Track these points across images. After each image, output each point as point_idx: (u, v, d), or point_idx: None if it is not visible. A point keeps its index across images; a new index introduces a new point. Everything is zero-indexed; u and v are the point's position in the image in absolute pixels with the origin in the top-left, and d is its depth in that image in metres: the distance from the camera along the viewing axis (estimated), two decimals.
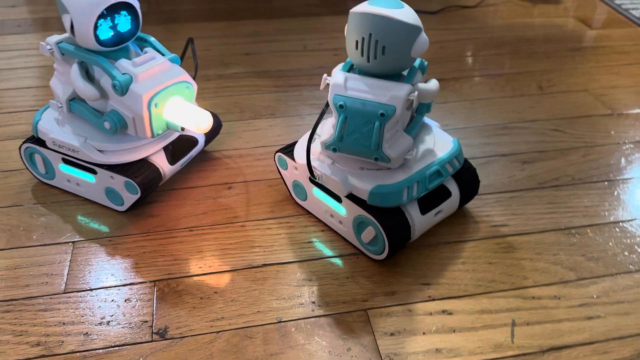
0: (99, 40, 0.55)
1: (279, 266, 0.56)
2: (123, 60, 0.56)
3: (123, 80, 0.55)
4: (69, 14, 0.54)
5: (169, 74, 0.58)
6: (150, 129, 0.57)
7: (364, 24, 0.50)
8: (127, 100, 0.56)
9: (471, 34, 1.05)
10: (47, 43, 0.58)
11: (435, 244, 0.59)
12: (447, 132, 0.61)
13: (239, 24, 1.06)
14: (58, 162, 0.62)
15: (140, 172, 0.59)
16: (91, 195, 0.63)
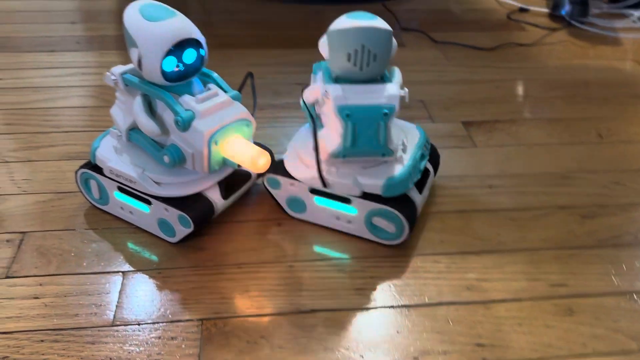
0: (165, 75, 0.55)
1: (328, 313, 0.55)
2: (186, 96, 0.57)
3: (186, 116, 0.55)
4: (138, 48, 0.54)
5: (230, 112, 0.58)
6: (208, 165, 0.58)
7: (356, 37, 0.57)
8: (188, 136, 0.56)
9: (527, 74, 1.02)
10: (112, 73, 0.59)
11: (490, 302, 0.57)
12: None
13: (293, 52, 1.06)
14: (113, 190, 0.63)
15: (194, 207, 0.60)
16: (144, 224, 0.63)
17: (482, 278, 0.60)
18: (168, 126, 0.57)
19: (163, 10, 0.56)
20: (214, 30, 1.17)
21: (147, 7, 0.56)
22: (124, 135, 0.61)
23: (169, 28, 0.54)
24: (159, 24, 0.54)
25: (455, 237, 0.64)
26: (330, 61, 0.60)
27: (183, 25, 0.55)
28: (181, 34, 0.54)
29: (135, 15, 0.55)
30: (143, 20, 0.54)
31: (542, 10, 1.29)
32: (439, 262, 0.61)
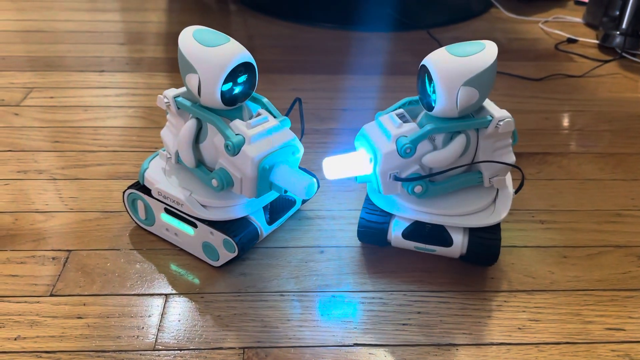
0: (224, 100, 0.55)
1: (371, 348, 0.53)
2: (237, 120, 0.57)
3: (236, 141, 0.55)
4: (197, 73, 0.54)
5: (279, 137, 0.58)
6: (255, 190, 0.57)
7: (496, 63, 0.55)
8: (237, 160, 0.56)
9: (577, 106, 0.99)
10: (165, 96, 0.60)
11: (543, 344, 0.54)
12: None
13: (337, 78, 1.06)
14: (160, 211, 0.63)
15: (239, 231, 0.59)
16: (188, 246, 0.63)
17: (535, 318, 0.57)
18: (218, 150, 0.57)
19: (217, 35, 0.56)
20: (257, 55, 1.17)
21: (201, 33, 0.56)
22: (173, 157, 0.61)
23: (226, 53, 0.54)
24: (217, 50, 0.54)
25: (505, 274, 0.62)
26: (476, 103, 0.56)
27: (238, 49, 0.55)
28: (238, 58, 0.54)
29: (191, 41, 0.55)
30: (200, 45, 0.55)
31: (591, 42, 1.27)
32: (488, 299, 0.59)
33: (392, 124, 0.58)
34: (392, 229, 0.62)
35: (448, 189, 0.59)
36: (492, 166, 0.58)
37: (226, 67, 0.54)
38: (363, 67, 1.13)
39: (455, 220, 0.59)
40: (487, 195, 0.61)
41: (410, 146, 0.55)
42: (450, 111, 0.55)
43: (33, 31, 1.22)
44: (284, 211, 0.66)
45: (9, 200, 0.70)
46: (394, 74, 1.10)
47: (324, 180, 0.77)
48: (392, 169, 0.57)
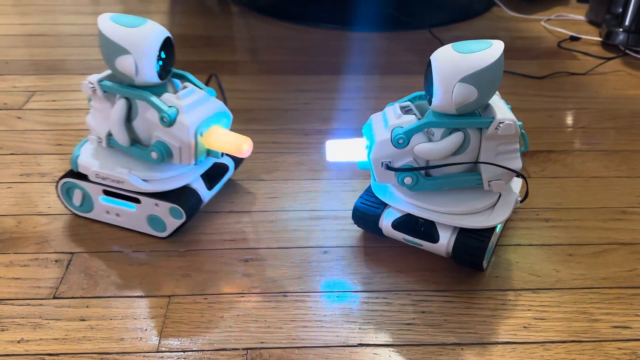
0: (160, 75, 0.59)
1: (376, 348, 0.53)
2: (167, 94, 0.60)
3: (171, 112, 0.59)
4: (130, 54, 0.57)
5: (209, 105, 0.63)
6: (194, 157, 0.61)
7: (503, 63, 0.54)
8: (174, 130, 0.60)
9: (581, 104, 0.99)
10: (90, 82, 0.61)
11: (549, 342, 0.54)
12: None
13: (340, 78, 1.06)
14: (98, 195, 0.65)
15: (184, 198, 0.64)
16: (131, 224, 0.66)
17: (540, 317, 0.56)
18: (152, 125, 0.60)
19: (135, 17, 0.59)
20: (260, 57, 1.18)
21: (119, 18, 0.59)
22: (104, 141, 0.63)
23: (153, 30, 0.58)
24: (142, 29, 0.58)
25: (510, 272, 0.62)
26: (476, 101, 0.55)
27: (160, 27, 0.59)
28: (163, 34, 0.59)
29: (114, 26, 0.58)
30: (126, 28, 0.58)
31: (594, 39, 1.26)
32: (493, 298, 0.58)
33: (393, 114, 0.59)
34: (383, 218, 0.62)
35: (442, 186, 0.59)
36: (492, 169, 0.57)
37: (158, 43, 0.58)
38: (365, 67, 1.12)
39: (445, 218, 0.59)
40: (487, 198, 0.60)
41: (404, 137, 0.56)
42: (446, 107, 0.55)
43: (35, 35, 1.23)
44: (220, 177, 0.70)
45: (12, 204, 0.70)
46: (396, 73, 1.09)
47: (327, 180, 0.77)
48: (384, 157, 0.58)
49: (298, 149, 0.83)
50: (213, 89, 0.65)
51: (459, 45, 0.54)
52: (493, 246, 0.63)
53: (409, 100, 0.61)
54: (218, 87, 0.70)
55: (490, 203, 0.60)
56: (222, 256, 0.63)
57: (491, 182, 0.58)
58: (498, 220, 0.59)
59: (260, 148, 0.83)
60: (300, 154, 0.82)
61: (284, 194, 0.74)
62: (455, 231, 0.59)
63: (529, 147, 0.84)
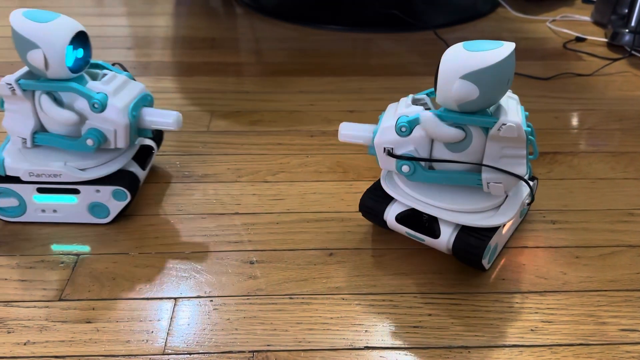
0: (71, 68, 0.61)
1: (382, 351, 0.53)
2: (92, 83, 0.63)
3: (101, 98, 0.61)
4: (40, 48, 0.59)
5: (133, 88, 0.66)
6: (128, 139, 0.64)
7: (511, 65, 0.54)
8: (107, 115, 0.62)
9: (587, 105, 0.99)
10: (7, 82, 0.62)
11: (557, 346, 0.53)
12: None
13: (344, 80, 1.06)
14: (32, 194, 0.66)
15: (124, 179, 0.66)
16: (70, 217, 0.67)
17: (547, 320, 0.56)
18: (83, 113, 0.62)
19: (47, 13, 0.61)
20: (265, 58, 1.18)
21: (31, 13, 0.60)
22: (29, 140, 0.64)
23: (63, 24, 0.60)
24: (53, 24, 0.59)
25: (517, 275, 0.61)
26: (477, 100, 0.54)
27: (72, 21, 0.61)
28: (75, 28, 0.60)
29: (25, 21, 0.60)
30: (36, 23, 0.59)
31: (599, 40, 1.26)
32: (500, 301, 0.58)
33: (404, 103, 0.60)
34: (388, 211, 0.62)
35: (440, 180, 0.59)
36: (493, 171, 0.57)
37: (66, 37, 0.59)
38: (370, 68, 1.12)
39: (447, 214, 0.59)
40: (492, 198, 0.60)
41: (406, 125, 0.57)
42: (447, 102, 0.55)
43: None
44: (149, 158, 0.74)
45: None
46: (401, 75, 1.09)
47: (332, 182, 0.77)
48: (386, 143, 0.59)
49: (303, 150, 0.83)
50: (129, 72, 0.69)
51: (470, 43, 0.54)
52: (499, 247, 0.63)
53: (427, 94, 0.62)
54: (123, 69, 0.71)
55: (495, 203, 0.60)
56: (227, 258, 0.63)
57: (490, 184, 0.57)
58: (500, 221, 0.58)
59: (265, 149, 0.83)
60: (305, 155, 0.82)
61: (289, 196, 0.73)
62: (457, 228, 0.59)
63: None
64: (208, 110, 0.94)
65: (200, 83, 1.03)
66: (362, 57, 1.21)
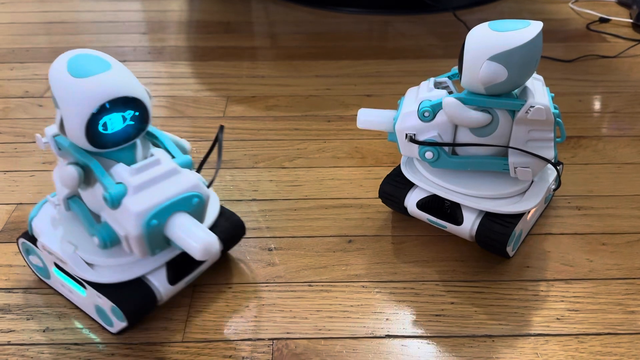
0: (93, 141, 0.46)
1: (404, 339, 0.52)
2: (120, 165, 0.48)
3: (114, 192, 0.46)
4: (60, 109, 0.46)
5: (174, 184, 0.48)
6: (146, 250, 0.48)
7: (539, 45, 0.52)
8: (119, 215, 0.47)
9: (612, 88, 0.96)
10: (43, 137, 0.50)
11: (584, 335, 0.52)
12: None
13: (361, 63, 1.04)
14: (51, 266, 0.55)
15: (129, 297, 0.50)
16: (82, 306, 0.54)
17: (574, 308, 0.55)
18: (99, 201, 0.48)
19: (96, 62, 0.46)
20: (280, 42, 1.16)
21: (77, 60, 0.46)
22: (63, 204, 0.52)
23: (96, 85, 0.44)
24: (86, 81, 0.44)
25: (542, 262, 0.60)
26: (506, 82, 0.53)
27: (116, 80, 0.45)
28: (111, 92, 0.44)
29: (60, 71, 0.45)
30: (68, 76, 0.45)
31: (624, 21, 1.22)
32: (525, 289, 0.57)
33: (426, 87, 0.58)
34: (409, 197, 0.61)
35: (465, 166, 0.57)
36: (520, 155, 0.55)
37: (92, 103, 0.44)
38: (387, 51, 1.10)
39: (470, 201, 0.57)
40: (517, 184, 0.58)
41: (429, 110, 0.55)
42: (474, 85, 0.53)
43: (55, 22, 1.22)
44: (194, 266, 0.54)
45: (35, 192, 0.70)
46: (419, 57, 1.07)
47: (350, 167, 0.76)
48: (408, 128, 0.57)
49: (320, 135, 0.82)
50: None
51: (496, 23, 0.52)
52: (523, 234, 0.61)
53: (448, 77, 0.60)
54: (218, 145, 0.55)
55: (520, 189, 0.58)
56: (245, 245, 0.62)
57: (517, 168, 0.56)
58: (526, 208, 0.57)
59: (281, 135, 0.82)
60: (323, 140, 0.81)
61: (306, 182, 0.72)
62: (480, 215, 0.58)
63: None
64: (224, 96, 0.92)
65: (215, 68, 1.02)
66: (379, 39, 1.18)
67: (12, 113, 0.87)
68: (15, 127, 0.83)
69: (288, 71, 1.01)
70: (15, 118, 0.86)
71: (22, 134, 0.82)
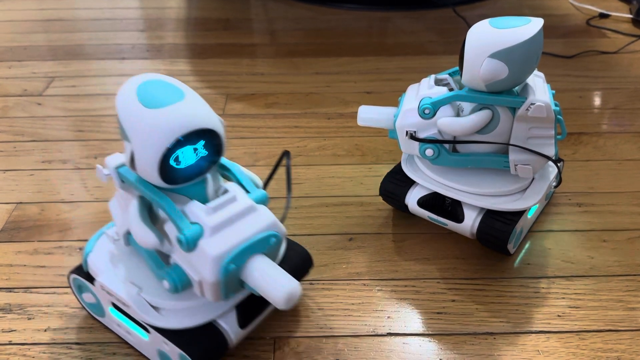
0: (166, 178, 0.41)
1: (405, 337, 0.52)
2: (194, 204, 0.43)
3: (190, 234, 0.42)
4: (130, 142, 0.41)
5: (252, 223, 0.44)
6: (220, 295, 0.44)
7: (540, 41, 0.52)
8: (194, 258, 0.43)
9: (612, 84, 0.96)
10: (106, 167, 0.46)
11: (585, 332, 0.52)
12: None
13: (361, 60, 1.03)
14: (108, 305, 0.50)
15: (199, 344, 0.46)
16: (142, 349, 0.50)
17: (575, 305, 0.55)
18: (171, 241, 0.44)
19: (168, 90, 0.41)
20: (279, 39, 1.16)
21: (148, 88, 0.41)
22: (122, 239, 0.48)
23: (172, 117, 0.40)
24: (160, 113, 0.40)
25: (543, 259, 0.60)
26: (506, 79, 0.52)
27: (192, 111, 0.41)
28: (188, 124, 0.40)
29: (130, 100, 0.41)
30: (140, 107, 0.40)
31: (624, 16, 1.22)
32: (525, 286, 0.57)
33: (427, 84, 0.58)
34: (410, 195, 0.61)
35: (466, 163, 0.57)
36: (520, 153, 0.55)
37: (167, 137, 0.40)
38: (386, 48, 1.10)
39: (472, 198, 0.57)
40: (517, 181, 0.58)
41: (430, 107, 0.55)
42: (475, 82, 0.53)
43: (53, 20, 1.22)
44: (263, 308, 0.50)
45: (34, 191, 0.70)
46: (418, 54, 1.07)
47: (350, 165, 0.75)
48: (409, 125, 0.57)
49: (320, 133, 0.82)
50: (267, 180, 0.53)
51: (497, 20, 0.52)
52: (524, 231, 0.61)
53: (449, 74, 0.60)
54: (286, 175, 0.52)
55: (521, 186, 0.58)
56: None
57: (518, 165, 0.56)
58: (527, 205, 0.57)
59: (281, 133, 0.82)
60: (323, 138, 0.81)
61: (307, 180, 0.72)
62: (481, 212, 0.58)
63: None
64: (223, 93, 0.92)
65: (214, 65, 1.02)
66: (379, 36, 1.18)
67: (10, 112, 0.87)
68: (14, 126, 0.83)
69: (287, 68, 1.01)
70: (14, 117, 0.86)
71: (20, 133, 0.82)
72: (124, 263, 0.50)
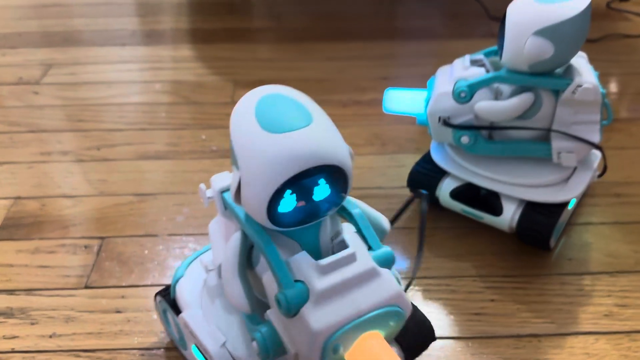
0: (276, 220, 0.33)
1: (441, 341, 0.47)
2: (302, 256, 0.35)
3: (292, 297, 0.33)
4: (239, 170, 0.33)
5: (370, 293, 0.34)
6: None
7: (588, 18, 0.49)
8: (292, 325, 0.34)
9: (639, 68, 0.91)
10: (211, 189, 0.39)
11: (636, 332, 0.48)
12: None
13: (375, 44, 0.99)
14: (191, 342, 0.44)
15: None
16: None
17: (622, 304, 0.51)
18: (267, 295, 0.36)
19: (294, 111, 0.33)
20: (287, 23, 1.11)
21: (269, 105, 0.33)
22: (217, 270, 0.41)
23: (293, 148, 0.31)
24: (279, 139, 0.32)
25: (584, 254, 0.56)
26: (552, 59, 0.48)
27: (319, 141, 0.32)
28: (313, 157, 0.32)
29: (248, 120, 0.33)
30: (257, 127, 0.32)
31: None
32: (568, 283, 0.53)
33: (461, 65, 0.54)
34: (441, 186, 0.57)
35: (504, 151, 0.53)
36: (564, 139, 0.51)
37: (285, 171, 0.31)
38: (398, 31, 1.05)
39: (511, 189, 0.53)
40: (559, 170, 0.54)
41: (467, 90, 0.50)
42: (517, 62, 0.49)
43: (48, 5, 1.16)
44: None
45: (34, 185, 0.65)
46: (431, 38, 1.02)
47: (370, 155, 0.71)
48: (442, 111, 0.53)
49: (336, 121, 0.76)
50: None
51: None
52: (564, 224, 0.57)
53: (484, 55, 0.55)
54: (420, 225, 0.41)
55: (563, 176, 0.54)
56: None
57: (561, 154, 0.51)
58: (571, 196, 0.53)
59: None
60: (339, 126, 0.76)
61: None
62: (521, 205, 0.54)
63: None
64: (231, 80, 0.87)
65: (220, 51, 0.97)
66: (392, 19, 1.13)
67: (5, 101, 0.82)
68: (10, 116, 0.78)
69: (297, 54, 0.96)
70: (9, 107, 0.81)
71: (17, 123, 0.77)
72: (214, 299, 0.42)
